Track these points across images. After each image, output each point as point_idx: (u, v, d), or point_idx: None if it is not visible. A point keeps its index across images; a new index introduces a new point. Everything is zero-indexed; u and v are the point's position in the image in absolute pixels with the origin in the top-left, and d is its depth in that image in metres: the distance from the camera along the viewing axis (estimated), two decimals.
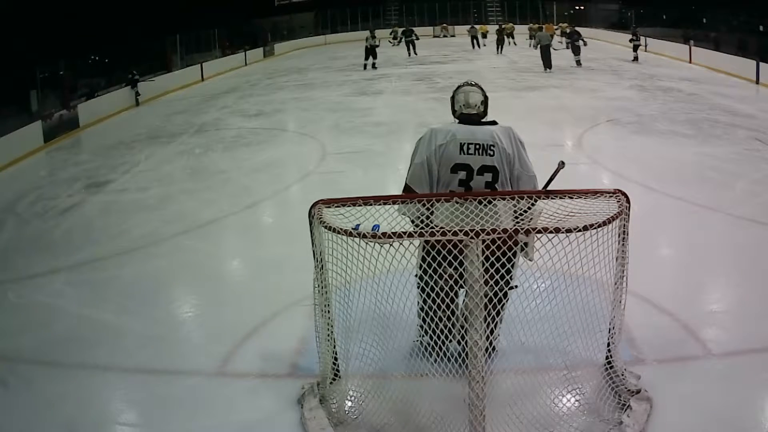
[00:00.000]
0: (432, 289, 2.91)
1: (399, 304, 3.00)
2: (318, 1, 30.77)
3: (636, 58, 18.33)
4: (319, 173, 8.00)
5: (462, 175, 3.24)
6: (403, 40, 22.55)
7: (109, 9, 16.85)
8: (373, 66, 18.94)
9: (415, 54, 22.05)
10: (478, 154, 3.22)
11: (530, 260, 3.10)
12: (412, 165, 3.33)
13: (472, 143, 3.23)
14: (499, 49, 22.62)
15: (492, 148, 3.22)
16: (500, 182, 3.24)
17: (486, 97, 3.44)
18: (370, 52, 19.03)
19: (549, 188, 3.38)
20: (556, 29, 24.94)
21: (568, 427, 2.91)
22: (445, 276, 2.90)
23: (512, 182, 3.27)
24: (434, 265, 2.83)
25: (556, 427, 2.91)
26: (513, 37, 24.99)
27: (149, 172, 8.49)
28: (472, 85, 3.48)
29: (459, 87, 3.50)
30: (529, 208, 2.94)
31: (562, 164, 3.37)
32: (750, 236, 5.35)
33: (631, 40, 18.99)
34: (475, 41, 24.95)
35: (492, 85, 10.98)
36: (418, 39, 22.57)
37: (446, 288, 2.93)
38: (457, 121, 3.43)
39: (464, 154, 3.23)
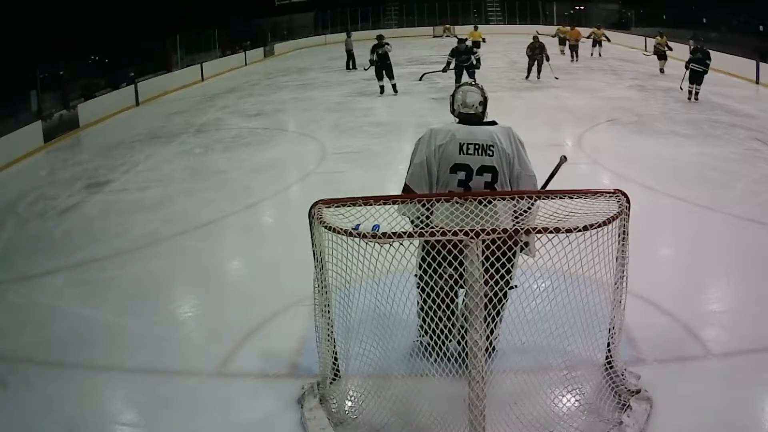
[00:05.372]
0: (432, 289, 2.91)
1: (399, 304, 3.00)
2: (318, 1, 30.76)
3: None
4: (319, 173, 8.00)
5: (461, 175, 3.24)
6: (452, 63, 13.02)
7: (109, 9, 16.85)
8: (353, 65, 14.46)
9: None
10: (478, 155, 3.22)
11: (532, 257, 3.09)
12: (412, 165, 3.33)
13: (471, 143, 3.23)
14: (534, 72, 14.97)
15: (491, 148, 3.22)
16: (500, 182, 3.24)
17: (485, 98, 3.44)
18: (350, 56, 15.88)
19: (549, 188, 3.39)
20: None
21: (568, 427, 2.91)
22: (445, 276, 2.90)
23: (512, 182, 3.27)
24: (434, 265, 2.83)
25: (556, 427, 2.91)
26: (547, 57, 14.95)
27: (149, 172, 8.49)
28: (471, 85, 3.49)
29: (459, 86, 3.52)
30: (529, 208, 2.94)
31: (564, 158, 3.38)
32: (750, 236, 5.35)
33: None
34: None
35: (492, 85, 10.98)
36: (479, 67, 13.24)
37: (446, 288, 2.93)
38: (456, 120, 3.43)
39: (464, 154, 3.23)
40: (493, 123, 3.37)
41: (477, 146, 3.23)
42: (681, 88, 11.77)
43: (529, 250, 3.13)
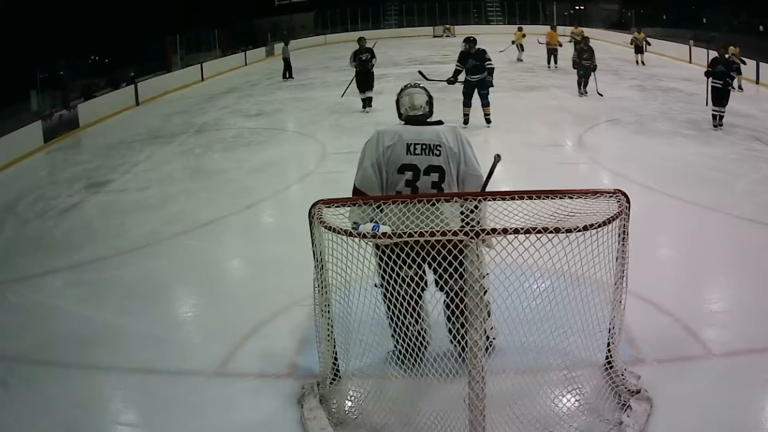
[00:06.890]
0: (397, 293, 2.90)
1: None
2: (318, 1, 30.77)
3: None
4: (319, 173, 8.00)
5: (408, 175, 3.25)
6: (460, 75, 9.87)
7: (109, 9, 16.86)
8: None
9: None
10: (425, 154, 3.24)
11: (493, 248, 2.99)
12: (361, 168, 3.35)
13: (418, 143, 3.25)
14: (582, 87, 12.53)
15: (438, 147, 3.24)
16: (447, 182, 3.25)
17: (431, 97, 3.47)
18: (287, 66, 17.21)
19: (547, 188, 3.34)
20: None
21: (568, 427, 2.91)
22: (402, 275, 2.86)
23: (458, 182, 3.28)
24: (388, 270, 2.83)
25: (556, 427, 2.91)
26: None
27: (149, 172, 8.49)
28: (415, 86, 3.51)
29: (403, 89, 3.54)
30: (476, 207, 2.89)
31: (497, 157, 3.28)
32: (750, 236, 5.35)
33: None
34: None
35: None
36: (492, 84, 10.09)
37: (408, 290, 2.92)
38: (403, 122, 3.44)
39: (411, 154, 3.25)
40: (439, 122, 3.38)
41: (424, 146, 3.24)
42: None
43: (488, 244, 3.06)
